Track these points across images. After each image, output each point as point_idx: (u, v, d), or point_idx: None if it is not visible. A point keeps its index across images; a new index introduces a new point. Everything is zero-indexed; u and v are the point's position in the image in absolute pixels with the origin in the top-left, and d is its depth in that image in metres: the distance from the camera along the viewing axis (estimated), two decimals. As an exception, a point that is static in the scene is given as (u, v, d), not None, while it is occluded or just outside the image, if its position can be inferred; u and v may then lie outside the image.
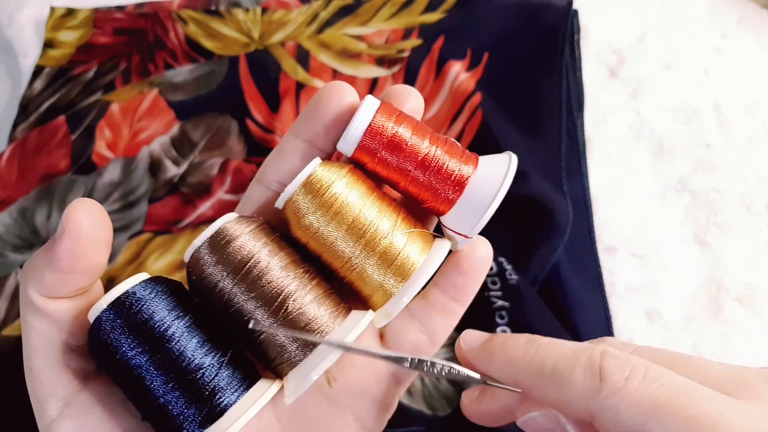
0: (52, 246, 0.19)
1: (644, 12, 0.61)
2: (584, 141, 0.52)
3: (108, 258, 0.20)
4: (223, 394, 0.19)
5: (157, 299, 0.19)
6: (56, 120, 0.55)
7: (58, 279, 0.19)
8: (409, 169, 0.21)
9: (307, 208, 0.20)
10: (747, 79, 0.56)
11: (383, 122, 0.21)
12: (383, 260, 0.20)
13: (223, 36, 0.61)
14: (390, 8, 0.60)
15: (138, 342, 0.18)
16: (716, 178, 0.50)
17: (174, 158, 0.53)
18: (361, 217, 0.20)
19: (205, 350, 0.19)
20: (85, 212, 0.20)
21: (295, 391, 0.19)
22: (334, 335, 0.20)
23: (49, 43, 0.62)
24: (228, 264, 0.19)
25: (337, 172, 0.21)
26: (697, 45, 0.58)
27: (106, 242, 0.20)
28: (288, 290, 0.19)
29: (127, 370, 0.18)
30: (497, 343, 0.21)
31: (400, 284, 0.21)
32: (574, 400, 0.18)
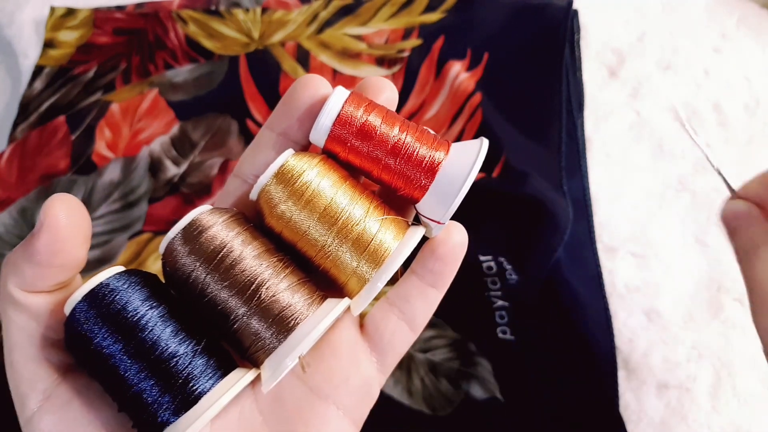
0: (31, 241, 0.19)
1: (644, 12, 0.61)
2: (584, 141, 0.52)
3: (87, 252, 0.21)
4: (198, 382, 0.19)
5: (130, 290, 0.19)
6: (56, 120, 0.55)
7: (37, 273, 0.19)
8: (380, 157, 0.21)
9: (280, 197, 0.20)
10: (747, 79, 0.56)
11: (352, 111, 0.21)
12: (356, 247, 0.21)
13: (223, 36, 0.61)
14: (390, 8, 0.60)
15: (112, 332, 0.19)
16: (716, 178, 0.50)
17: (174, 158, 0.53)
18: (333, 204, 0.20)
19: (179, 339, 0.19)
20: (63, 207, 0.19)
21: (271, 377, 0.19)
22: (308, 321, 0.20)
23: (49, 43, 0.62)
24: (201, 254, 0.19)
25: (308, 161, 0.21)
26: (697, 45, 0.58)
27: (84, 237, 0.20)
28: (261, 278, 0.19)
29: (102, 361, 0.19)
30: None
31: (374, 270, 0.21)
32: None
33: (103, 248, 0.48)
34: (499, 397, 0.41)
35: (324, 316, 0.20)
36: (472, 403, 0.41)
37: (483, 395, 0.42)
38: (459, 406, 0.41)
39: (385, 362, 0.25)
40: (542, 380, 0.42)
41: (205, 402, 0.19)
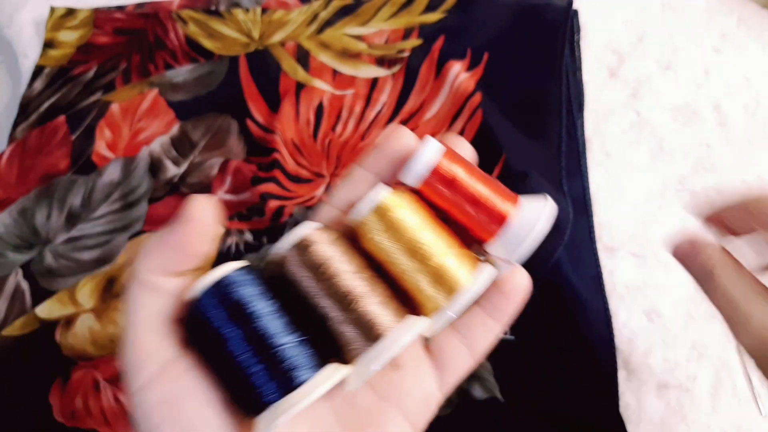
0: (170, 230, 0.23)
1: (644, 12, 0.61)
2: (584, 141, 0.52)
3: (215, 249, 0.24)
4: (300, 370, 0.21)
5: (249, 283, 0.22)
6: (56, 120, 0.55)
7: (171, 258, 0.23)
8: (461, 203, 0.25)
9: (376, 226, 0.24)
10: (747, 79, 0.56)
11: (445, 165, 0.25)
12: (435, 277, 0.24)
13: (223, 36, 0.61)
14: (390, 8, 0.60)
15: (230, 317, 0.21)
16: (716, 178, 0.50)
17: (174, 158, 0.53)
18: (419, 238, 0.24)
19: (286, 331, 0.22)
20: (200, 207, 0.23)
21: (359, 377, 0.22)
22: (394, 332, 0.22)
23: (49, 43, 0.62)
24: (309, 264, 0.23)
25: (402, 200, 0.25)
26: (697, 45, 0.58)
27: (214, 234, 0.24)
28: (356, 291, 0.23)
29: (219, 342, 0.21)
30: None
31: (448, 300, 0.24)
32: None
33: (103, 248, 0.48)
34: (499, 397, 0.41)
35: (408, 329, 0.23)
36: (471, 403, 0.41)
37: (483, 395, 0.42)
38: (459, 406, 0.41)
39: (444, 381, 0.27)
40: (542, 380, 0.42)
41: (305, 388, 0.21)
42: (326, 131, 0.54)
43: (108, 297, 0.45)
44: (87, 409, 0.40)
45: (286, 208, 0.48)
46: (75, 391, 0.41)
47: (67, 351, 0.43)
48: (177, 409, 0.22)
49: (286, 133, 0.53)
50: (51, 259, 0.48)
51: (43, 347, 0.43)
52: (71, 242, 0.49)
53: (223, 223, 0.23)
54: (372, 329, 0.22)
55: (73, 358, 0.42)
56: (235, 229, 0.48)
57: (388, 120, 0.54)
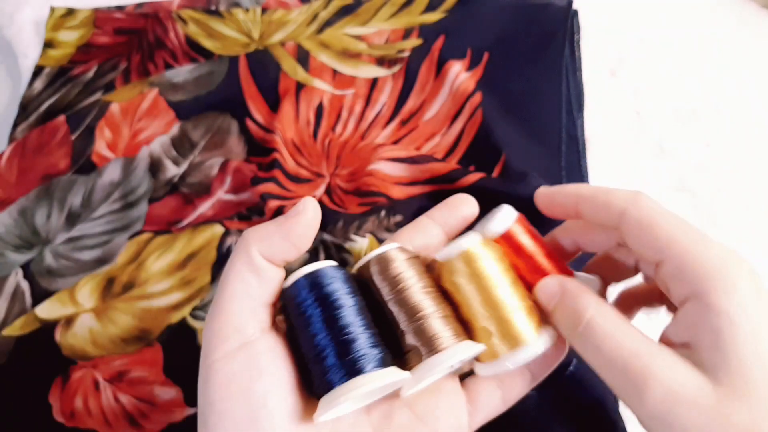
0: (287, 221, 0.25)
1: (644, 12, 0.61)
2: (584, 141, 0.52)
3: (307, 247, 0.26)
4: (367, 362, 0.24)
5: (338, 280, 0.25)
6: (56, 120, 0.55)
7: (282, 247, 0.25)
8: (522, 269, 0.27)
9: (460, 269, 0.26)
10: (747, 79, 0.56)
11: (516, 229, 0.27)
12: (503, 327, 0.26)
13: (223, 36, 0.61)
14: (390, 8, 0.60)
15: (318, 305, 0.24)
16: (716, 178, 0.50)
17: (174, 158, 0.53)
18: (497, 289, 0.26)
19: (362, 326, 0.25)
20: (313, 208, 0.25)
21: (415, 383, 0.25)
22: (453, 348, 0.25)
23: (49, 43, 0.62)
24: (386, 277, 0.26)
25: (489, 251, 0.27)
26: (697, 45, 0.58)
27: (314, 234, 0.26)
28: (424, 306, 0.25)
29: (305, 323, 0.24)
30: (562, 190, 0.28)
31: (510, 352, 0.25)
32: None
33: (103, 248, 0.48)
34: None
35: (466, 349, 0.25)
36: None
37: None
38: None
39: (474, 418, 0.28)
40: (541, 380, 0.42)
41: (367, 378, 0.23)
42: (326, 131, 0.54)
43: (108, 297, 0.45)
44: (87, 409, 0.40)
45: (286, 208, 0.48)
46: (75, 391, 0.41)
47: (67, 351, 0.43)
48: (248, 386, 0.23)
49: (286, 133, 0.53)
50: (51, 259, 0.48)
51: (43, 347, 0.43)
52: (71, 242, 0.49)
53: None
54: (433, 342, 0.25)
55: (73, 358, 0.42)
56: (235, 229, 0.48)
57: (388, 120, 0.54)
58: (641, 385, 0.21)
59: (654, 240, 0.23)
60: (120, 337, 0.43)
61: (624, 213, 0.24)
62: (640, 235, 0.24)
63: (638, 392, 0.21)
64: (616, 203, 0.25)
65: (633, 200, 0.24)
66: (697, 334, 0.21)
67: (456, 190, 0.48)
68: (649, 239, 0.24)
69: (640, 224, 0.24)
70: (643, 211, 0.24)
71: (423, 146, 0.53)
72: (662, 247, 0.23)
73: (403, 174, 0.49)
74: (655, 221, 0.24)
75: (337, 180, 0.51)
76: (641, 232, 0.24)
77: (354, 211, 0.49)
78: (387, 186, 0.49)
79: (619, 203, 0.25)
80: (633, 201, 0.24)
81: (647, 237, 0.24)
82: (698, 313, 0.22)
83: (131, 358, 0.42)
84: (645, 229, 0.24)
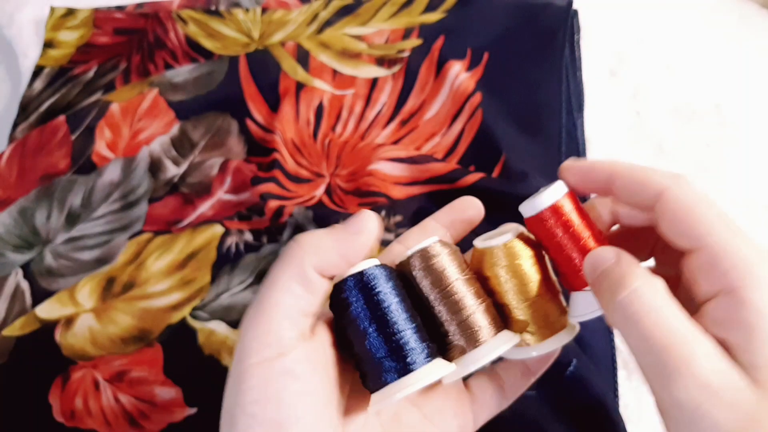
0: (346, 239, 0.25)
1: (644, 12, 0.61)
2: (584, 141, 0.52)
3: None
4: (416, 358, 0.24)
5: (382, 278, 0.25)
6: (56, 120, 0.55)
7: (337, 263, 0.25)
8: (568, 247, 0.27)
9: (499, 261, 0.27)
10: (747, 79, 0.56)
11: (566, 203, 0.27)
12: (537, 321, 0.27)
13: (223, 36, 0.61)
14: (390, 8, 0.60)
15: (364, 303, 0.25)
16: (716, 178, 0.50)
17: (174, 158, 0.53)
18: (530, 283, 0.27)
19: (409, 323, 0.25)
20: (375, 222, 0.25)
21: (457, 374, 0.26)
22: (491, 342, 0.26)
23: (49, 43, 0.62)
24: (429, 272, 0.26)
25: (525, 249, 0.27)
26: (697, 45, 0.58)
27: (373, 251, 0.26)
28: (465, 301, 0.26)
29: (352, 322, 0.25)
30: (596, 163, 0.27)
31: (537, 342, 0.27)
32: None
33: (103, 248, 0.48)
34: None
35: (504, 341, 0.26)
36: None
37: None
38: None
39: (476, 417, 0.29)
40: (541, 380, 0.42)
41: (417, 375, 0.24)
42: (326, 131, 0.54)
43: (108, 297, 0.45)
44: (87, 409, 0.40)
45: (286, 208, 0.48)
46: (75, 391, 0.41)
47: (67, 351, 0.43)
48: (282, 392, 0.23)
49: (286, 133, 0.53)
50: (51, 259, 0.48)
51: (43, 347, 0.43)
52: (71, 242, 0.49)
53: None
54: (475, 335, 0.26)
55: (73, 358, 0.42)
56: (235, 229, 0.48)
57: (388, 120, 0.54)
58: (676, 370, 0.19)
59: (691, 228, 0.22)
60: (120, 337, 0.43)
61: (662, 194, 0.23)
62: (677, 220, 0.22)
63: (671, 376, 0.19)
64: (655, 183, 0.23)
65: (674, 182, 0.23)
66: (730, 331, 0.20)
67: (456, 190, 0.48)
68: (686, 226, 0.22)
69: (678, 208, 0.22)
70: (683, 195, 0.22)
71: (423, 146, 0.53)
72: (699, 236, 0.22)
73: (403, 174, 0.49)
74: (695, 207, 0.22)
75: (337, 180, 0.51)
76: (679, 217, 0.22)
77: (354, 211, 0.49)
78: (387, 186, 0.49)
79: (658, 183, 0.23)
80: (674, 183, 0.23)
81: (684, 223, 0.22)
82: (731, 308, 0.20)
83: (131, 358, 0.42)
84: (683, 214, 0.22)
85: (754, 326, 0.20)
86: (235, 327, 0.43)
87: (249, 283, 0.45)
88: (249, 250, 0.47)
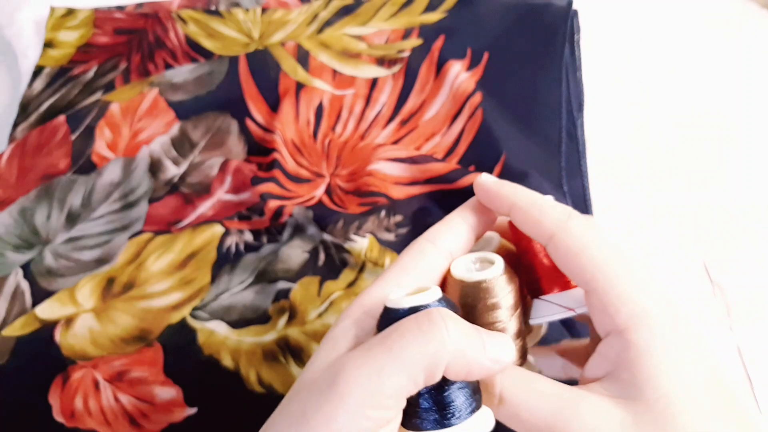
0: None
1: (645, 12, 0.61)
2: (584, 141, 0.52)
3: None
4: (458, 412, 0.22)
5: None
6: (56, 120, 0.55)
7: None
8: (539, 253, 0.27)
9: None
10: (747, 79, 0.56)
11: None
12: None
13: (223, 36, 0.61)
14: (390, 8, 0.60)
15: None
16: (717, 179, 0.50)
17: (174, 158, 0.53)
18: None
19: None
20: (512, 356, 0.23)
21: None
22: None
23: (49, 43, 0.62)
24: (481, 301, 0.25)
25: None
26: (697, 46, 0.58)
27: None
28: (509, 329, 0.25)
29: None
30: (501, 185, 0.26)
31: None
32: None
33: (103, 248, 0.48)
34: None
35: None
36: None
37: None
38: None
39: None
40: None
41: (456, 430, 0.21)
42: (326, 131, 0.54)
43: (108, 297, 0.45)
44: (87, 409, 0.40)
45: (286, 208, 0.48)
46: (75, 391, 0.41)
47: (67, 351, 0.43)
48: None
49: (285, 133, 0.53)
50: (51, 259, 0.48)
51: (43, 347, 0.43)
52: (71, 242, 0.49)
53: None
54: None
55: (73, 358, 0.42)
56: (235, 229, 0.48)
57: (388, 120, 0.54)
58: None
59: (579, 272, 0.23)
60: (120, 337, 0.43)
61: (552, 237, 0.24)
62: (566, 263, 0.23)
63: None
64: (546, 225, 0.24)
65: (563, 226, 0.23)
66: (620, 368, 0.22)
67: (456, 190, 0.48)
68: (575, 271, 0.23)
69: (566, 253, 0.23)
70: (571, 240, 0.23)
71: (423, 146, 0.53)
72: (587, 281, 0.23)
73: (403, 174, 0.49)
74: (582, 251, 0.23)
75: (337, 180, 0.51)
76: (567, 261, 0.23)
77: (354, 211, 0.49)
78: (387, 186, 0.49)
79: (548, 226, 0.24)
80: (563, 226, 0.23)
81: (573, 267, 0.23)
82: (619, 348, 0.22)
83: (131, 358, 0.42)
84: (572, 258, 0.23)
85: (637, 364, 0.21)
86: (235, 327, 0.43)
87: (249, 283, 0.45)
88: (249, 250, 0.47)
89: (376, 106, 0.55)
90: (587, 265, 0.23)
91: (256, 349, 0.42)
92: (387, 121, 0.54)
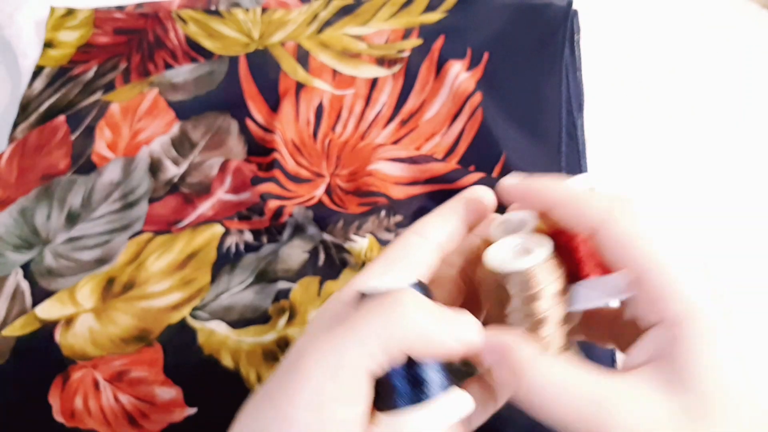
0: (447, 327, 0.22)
1: (644, 12, 0.61)
2: (584, 141, 0.52)
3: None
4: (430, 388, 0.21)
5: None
6: (56, 120, 0.55)
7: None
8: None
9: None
10: (747, 79, 0.56)
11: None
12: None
13: (223, 36, 0.61)
14: (390, 8, 0.60)
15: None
16: (718, 179, 0.50)
17: (174, 158, 0.53)
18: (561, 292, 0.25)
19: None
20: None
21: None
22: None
23: (49, 43, 0.62)
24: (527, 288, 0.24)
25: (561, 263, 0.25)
26: (697, 46, 0.58)
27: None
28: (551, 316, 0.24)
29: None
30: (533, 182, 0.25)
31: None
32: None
33: (103, 248, 0.48)
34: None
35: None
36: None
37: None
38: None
39: (470, 425, 0.28)
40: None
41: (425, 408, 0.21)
42: (326, 131, 0.54)
43: (108, 297, 0.45)
44: (87, 409, 0.40)
45: (286, 208, 0.48)
46: (75, 391, 0.41)
47: (67, 351, 0.43)
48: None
49: (285, 133, 0.53)
50: (51, 259, 0.48)
51: (43, 347, 0.43)
52: (71, 242, 0.49)
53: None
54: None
55: (73, 358, 0.42)
56: (235, 229, 0.48)
57: (388, 120, 0.54)
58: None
59: (629, 262, 0.22)
60: (120, 337, 0.43)
61: (600, 228, 0.22)
62: (616, 255, 0.22)
63: None
64: (591, 216, 0.23)
65: (610, 214, 0.22)
66: (666, 358, 0.21)
67: (456, 190, 0.48)
68: (624, 261, 0.22)
69: (615, 245, 0.22)
70: (620, 230, 0.22)
71: (423, 146, 0.53)
72: (639, 272, 0.22)
73: (403, 174, 0.49)
74: (633, 240, 0.22)
75: (337, 180, 0.51)
76: (617, 251, 0.22)
77: (354, 211, 0.49)
78: (387, 186, 0.49)
79: (595, 216, 0.23)
80: (611, 216, 0.22)
81: (623, 258, 0.22)
82: (669, 341, 0.21)
83: (131, 358, 0.42)
84: (620, 250, 0.22)
85: (694, 357, 0.21)
86: (235, 327, 0.43)
87: (249, 283, 0.45)
88: (249, 250, 0.47)
89: (376, 106, 0.55)
90: (639, 257, 0.22)
91: (256, 349, 0.42)
92: (387, 121, 0.54)
